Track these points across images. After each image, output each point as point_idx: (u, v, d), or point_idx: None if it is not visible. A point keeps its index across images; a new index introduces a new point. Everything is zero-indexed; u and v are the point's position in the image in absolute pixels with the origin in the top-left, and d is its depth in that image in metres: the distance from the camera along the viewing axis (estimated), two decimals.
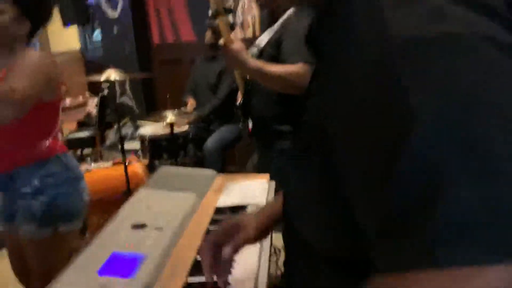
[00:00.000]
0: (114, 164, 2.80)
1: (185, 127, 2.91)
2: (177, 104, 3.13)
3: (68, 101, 4.88)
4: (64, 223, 1.44)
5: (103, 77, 2.53)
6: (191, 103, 3.09)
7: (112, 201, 2.61)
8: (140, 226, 1.05)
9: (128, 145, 3.70)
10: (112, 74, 2.49)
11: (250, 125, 1.97)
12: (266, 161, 2.02)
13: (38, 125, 1.40)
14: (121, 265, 0.89)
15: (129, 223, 1.06)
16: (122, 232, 1.02)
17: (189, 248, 0.99)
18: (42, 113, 1.39)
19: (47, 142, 1.44)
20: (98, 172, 2.70)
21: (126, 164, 2.68)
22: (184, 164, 2.79)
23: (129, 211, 1.14)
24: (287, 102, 1.83)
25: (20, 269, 1.56)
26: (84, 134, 4.29)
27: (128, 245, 0.96)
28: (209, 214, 1.17)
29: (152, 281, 0.85)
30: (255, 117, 2.01)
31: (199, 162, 2.86)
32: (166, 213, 1.12)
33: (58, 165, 1.46)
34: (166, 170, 1.47)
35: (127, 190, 2.49)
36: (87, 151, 4.32)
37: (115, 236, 1.00)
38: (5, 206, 1.48)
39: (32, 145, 1.41)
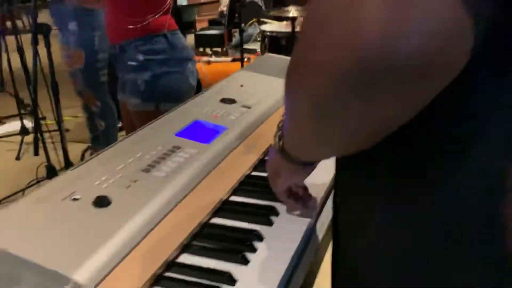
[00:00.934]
0: (234, 60, 2.80)
1: None
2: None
3: None
4: (166, 102, 1.45)
5: None
6: None
7: None
8: (228, 101, 0.99)
9: (252, 45, 3.66)
10: None
11: None
12: None
13: None
14: (200, 132, 0.85)
15: (218, 97, 1.01)
16: (210, 104, 0.97)
17: (272, 130, 0.90)
18: None
19: (156, 17, 1.43)
20: (217, 65, 2.73)
21: (244, 60, 2.65)
22: None
23: (221, 87, 1.09)
24: None
25: None
26: (213, 32, 4.37)
27: (213, 116, 0.91)
28: None
29: (225, 152, 0.80)
30: None
31: None
32: (259, 94, 1.04)
33: (165, 43, 1.44)
34: (271, 57, 1.37)
35: None
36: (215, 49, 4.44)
37: (201, 106, 0.96)
38: (120, 77, 1.56)
39: (140, 18, 1.41)
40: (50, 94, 2.02)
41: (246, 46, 3.66)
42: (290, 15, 2.41)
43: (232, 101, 0.99)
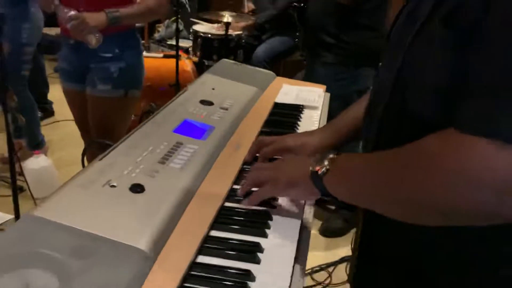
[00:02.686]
0: (165, 56, 2.86)
1: (239, 32, 2.90)
2: (233, 7, 3.09)
3: None
4: (133, 88, 1.61)
5: None
6: (249, 7, 3.05)
7: (158, 91, 2.72)
8: (207, 103, 1.12)
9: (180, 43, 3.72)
10: None
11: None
12: (311, 74, 2.07)
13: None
14: (193, 129, 0.97)
15: (197, 99, 1.13)
16: (191, 105, 1.10)
17: (252, 129, 1.06)
18: None
19: None
20: (149, 61, 2.77)
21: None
22: None
23: (196, 89, 1.21)
24: (338, 13, 1.88)
25: (84, 124, 1.74)
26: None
27: (198, 116, 1.04)
28: (268, 106, 1.23)
29: (220, 148, 0.94)
30: (308, 25, 2.05)
31: None
32: (231, 97, 1.18)
33: (135, 38, 1.63)
34: (227, 63, 1.52)
35: (176, 83, 2.58)
36: None
37: (185, 107, 1.08)
38: (77, 67, 1.62)
39: None
40: None
41: (170, 42, 3.71)
42: (224, 20, 2.56)
43: (210, 103, 1.12)
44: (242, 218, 0.74)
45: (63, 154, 2.79)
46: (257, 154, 0.92)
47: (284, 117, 1.20)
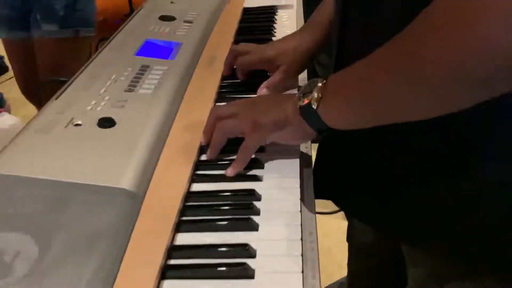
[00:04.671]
0: None
1: None
2: None
3: None
4: (83, 27, 1.46)
5: None
6: None
7: (114, 24, 2.49)
8: (169, 18, 0.99)
9: None
10: None
11: None
12: None
13: None
14: (157, 49, 0.85)
15: (155, 16, 0.99)
16: (151, 23, 0.96)
17: (224, 39, 0.94)
18: None
19: None
20: None
21: None
22: None
23: (152, 5, 1.06)
24: None
25: (28, 84, 1.58)
26: None
27: (160, 34, 0.91)
28: (238, 13, 1.10)
29: (192, 65, 0.83)
30: None
31: None
32: (193, 8, 1.04)
33: None
34: None
35: (131, 12, 2.36)
36: None
37: (144, 27, 0.94)
38: (20, 12, 1.43)
39: None
40: None
41: None
42: None
43: (172, 18, 0.99)
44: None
45: (27, 111, 2.61)
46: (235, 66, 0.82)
47: (258, 22, 1.08)
